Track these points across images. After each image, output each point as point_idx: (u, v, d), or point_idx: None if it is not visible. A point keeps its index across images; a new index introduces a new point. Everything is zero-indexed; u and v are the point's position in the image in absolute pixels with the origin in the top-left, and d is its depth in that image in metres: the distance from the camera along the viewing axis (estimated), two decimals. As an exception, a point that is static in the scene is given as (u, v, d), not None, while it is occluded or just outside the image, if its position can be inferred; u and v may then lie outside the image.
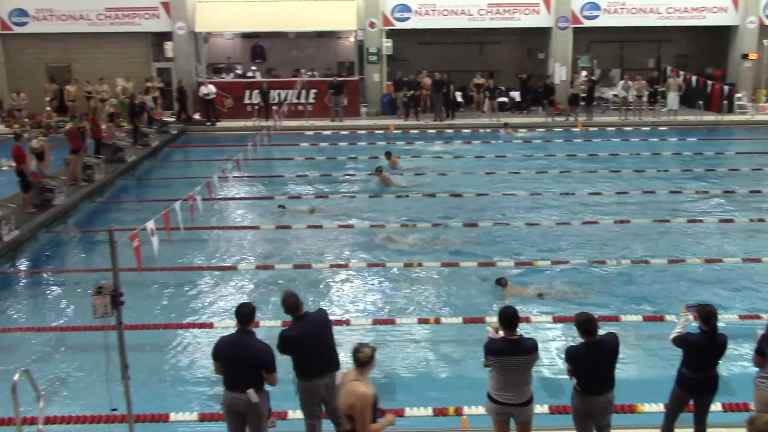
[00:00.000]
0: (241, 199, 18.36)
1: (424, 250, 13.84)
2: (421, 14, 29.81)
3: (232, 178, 17.58)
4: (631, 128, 27.15)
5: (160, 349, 10.06)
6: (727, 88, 28.66)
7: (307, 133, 27.03)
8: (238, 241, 15.03)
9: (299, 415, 7.22)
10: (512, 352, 6.48)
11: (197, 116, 28.83)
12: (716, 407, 7.49)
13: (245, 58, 32.59)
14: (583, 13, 29.92)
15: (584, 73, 29.78)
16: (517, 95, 30.70)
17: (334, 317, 8.96)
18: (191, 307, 11.53)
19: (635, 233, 14.86)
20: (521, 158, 22.38)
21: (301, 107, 29.21)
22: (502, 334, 6.59)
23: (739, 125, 27.82)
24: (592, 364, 6.49)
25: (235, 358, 6.60)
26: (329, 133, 27.11)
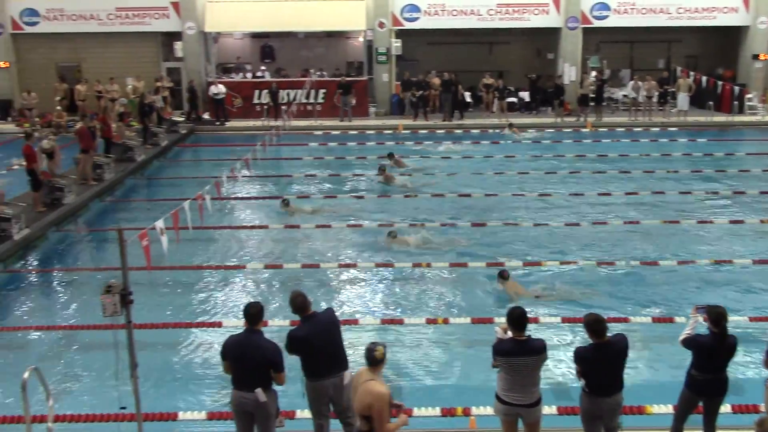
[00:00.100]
0: (249, 198, 18.39)
1: (432, 250, 13.82)
2: (430, 14, 29.79)
3: (241, 177, 17.62)
4: (640, 129, 27.06)
5: (169, 348, 10.08)
6: (737, 88, 28.55)
7: (316, 133, 27.07)
8: (246, 240, 15.06)
9: (307, 414, 7.22)
10: (521, 352, 6.47)
11: (206, 116, 28.93)
12: (726, 409, 7.45)
13: (254, 57, 32.64)
14: (592, 13, 29.83)
15: (594, 73, 29.68)
16: (526, 95, 30.65)
17: (342, 317, 8.96)
18: (200, 306, 11.56)
19: (645, 234, 14.80)
20: (530, 159, 22.34)
21: (310, 107, 29.25)
22: (510, 334, 6.58)
23: (749, 126, 27.69)
24: (600, 365, 6.47)
25: (243, 357, 6.61)
26: (338, 133, 27.13)
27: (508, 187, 18.66)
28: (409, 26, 29.94)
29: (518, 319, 6.53)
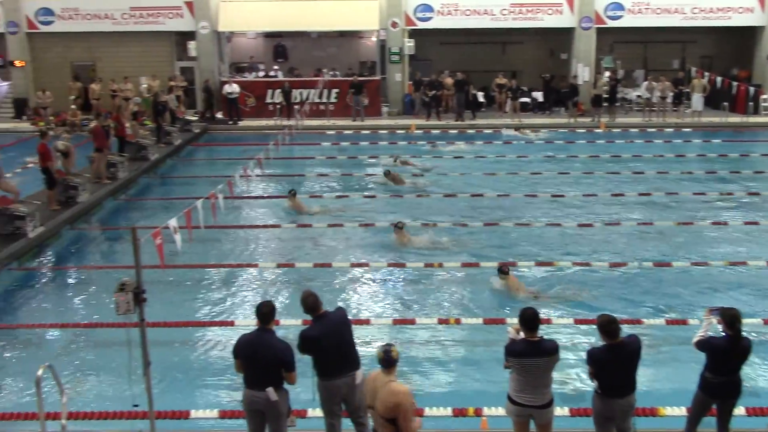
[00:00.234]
0: (262, 197, 18.43)
1: (442, 250, 13.80)
2: (443, 14, 29.75)
3: (254, 176, 17.67)
4: (654, 129, 26.91)
5: (181, 346, 10.13)
6: (752, 89, 28.36)
7: (328, 132, 27.10)
8: (258, 239, 15.11)
9: (319, 413, 7.23)
10: (533, 353, 6.45)
11: (220, 115, 29.04)
12: (739, 411, 7.41)
13: (267, 57, 32.71)
14: (606, 13, 29.69)
15: (607, 73, 29.55)
16: (539, 96, 30.55)
17: (353, 317, 8.97)
18: (212, 304, 11.60)
19: (658, 235, 14.73)
20: (543, 159, 22.28)
21: (322, 107, 29.29)
22: (522, 335, 6.56)
23: (764, 127, 27.42)
24: (613, 366, 6.45)
25: (254, 356, 6.63)
26: (350, 132, 27.15)
27: (520, 187, 18.61)
28: (422, 26, 29.91)
29: (530, 319, 6.51)
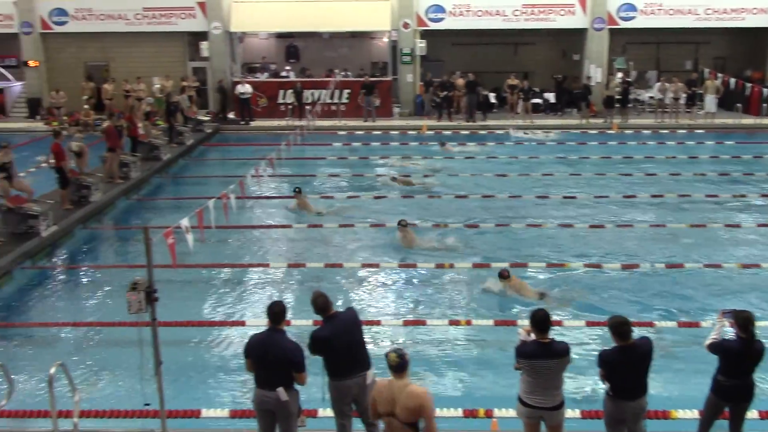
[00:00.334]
0: (273, 198, 18.46)
1: (451, 251, 13.79)
2: (455, 15, 29.71)
3: (265, 176, 17.71)
4: (667, 131, 26.77)
5: (193, 345, 10.16)
6: (766, 90, 28.12)
7: (340, 133, 27.12)
8: (270, 239, 15.14)
9: (329, 413, 7.24)
10: (544, 355, 6.44)
11: (232, 115, 29.14)
12: (752, 415, 7.37)
13: (279, 57, 32.79)
14: (619, 14, 29.57)
15: (620, 74, 29.44)
16: (551, 97, 30.45)
17: (364, 317, 8.97)
18: (224, 304, 11.63)
19: (671, 237, 14.66)
20: (555, 160, 22.21)
21: (334, 107, 29.33)
22: (533, 336, 6.55)
23: (778, 129, 27.29)
24: (625, 367, 6.42)
25: (265, 356, 6.64)
26: (362, 133, 27.17)
27: (532, 188, 18.56)
28: (433, 27, 29.89)
29: (541, 321, 6.50)
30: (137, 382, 8.48)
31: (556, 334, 6.81)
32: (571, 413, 7.45)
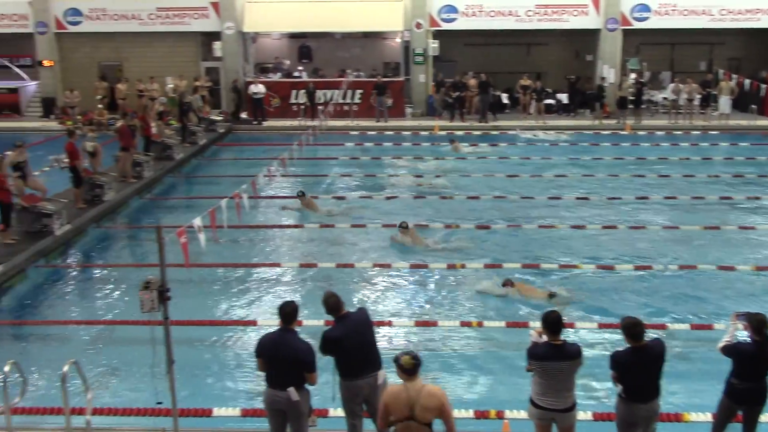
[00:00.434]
0: (285, 197, 18.48)
1: (460, 251, 13.76)
2: (468, 15, 29.65)
3: (278, 176, 17.74)
4: (681, 132, 26.61)
5: (205, 344, 10.20)
6: (781, 92, 27.94)
7: (352, 133, 27.14)
8: (282, 239, 15.18)
9: (340, 413, 7.24)
10: (556, 357, 6.42)
11: (244, 115, 29.23)
12: (766, 418, 7.31)
13: (292, 58, 32.84)
14: (633, 14, 29.42)
15: (633, 75, 29.30)
16: (564, 97, 30.34)
17: (375, 317, 8.97)
18: (236, 303, 11.67)
19: (684, 239, 14.59)
20: (568, 161, 22.14)
21: (346, 107, 29.34)
22: (545, 338, 6.53)
23: (793, 130, 27.09)
24: (638, 369, 6.39)
25: (276, 356, 6.65)
26: (374, 133, 27.17)
27: (545, 189, 18.51)
28: (446, 27, 29.83)
29: (554, 323, 6.48)
30: (150, 380, 8.52)
31: (571, 335, 6.79)
32: (583, 415, 7.42)
